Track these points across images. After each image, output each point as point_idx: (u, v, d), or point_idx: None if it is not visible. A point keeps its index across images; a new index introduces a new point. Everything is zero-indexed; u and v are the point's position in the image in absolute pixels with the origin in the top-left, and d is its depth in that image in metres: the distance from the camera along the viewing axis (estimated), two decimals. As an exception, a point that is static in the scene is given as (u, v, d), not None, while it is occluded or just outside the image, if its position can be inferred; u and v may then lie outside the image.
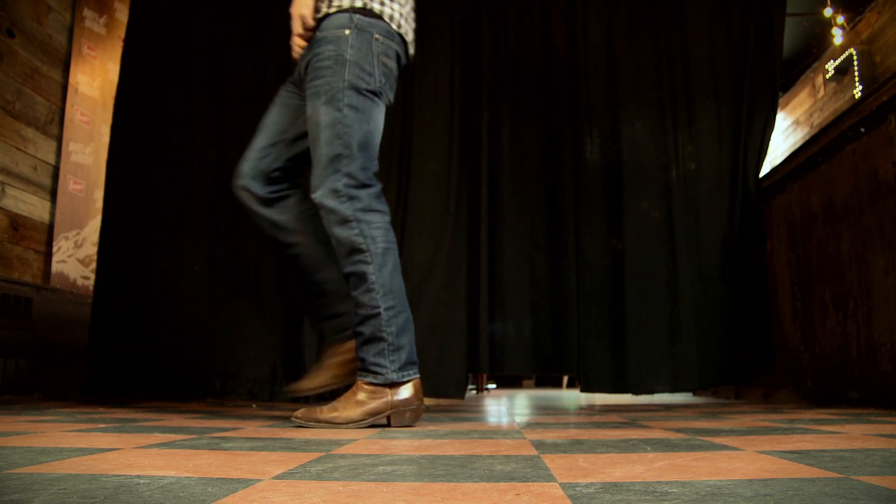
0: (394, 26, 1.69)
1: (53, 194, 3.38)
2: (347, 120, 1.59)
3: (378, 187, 1.65)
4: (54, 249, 3.36)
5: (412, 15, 1.79)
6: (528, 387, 8.49)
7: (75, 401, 2.62)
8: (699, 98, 3.03)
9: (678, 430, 1.41)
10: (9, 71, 3.08)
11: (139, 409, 2.18)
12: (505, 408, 2.74)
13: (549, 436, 1.34)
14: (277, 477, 0.80)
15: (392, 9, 1.69)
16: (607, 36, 3.08)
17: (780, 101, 4.19)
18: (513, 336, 2.88)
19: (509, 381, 8.69)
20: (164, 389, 2.89)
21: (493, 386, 7.05)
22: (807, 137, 3.71)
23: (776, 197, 2.92)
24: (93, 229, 3.56)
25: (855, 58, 4.50)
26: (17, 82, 3.14)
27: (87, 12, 3.65)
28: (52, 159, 3.38)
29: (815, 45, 5.35)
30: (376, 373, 1.57)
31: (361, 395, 1.57)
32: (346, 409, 1.56)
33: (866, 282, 2.20)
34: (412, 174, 2.99)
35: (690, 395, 3.72)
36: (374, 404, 1.56)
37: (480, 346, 2.82)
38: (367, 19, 1.64)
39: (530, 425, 1.67)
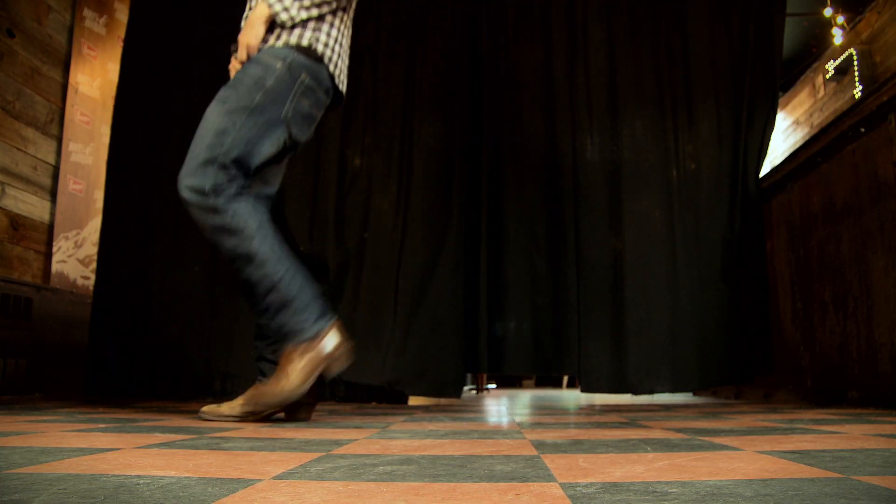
0: (330, 67, 1.79)
1: (53, 194, 3.38)
2: (237, 137, 1.66)
3: (249, 190, 1.70)
4: (54, 249, 3.36)
5: (347, 53, 1.91)
6: (527, 387, 8.50)
7: (75, 401, 2.62)
8: (699, 98, 3.02)
9: (678, 430, 1.41)
10: (9, 71, 3.08)
11: (139, 409, 2.18)
12: (505, 408, 2.74)
13: (549, 436, 1.34)
14: (277, 477, 0.80)
15: (333, 51, 1.80)
16: (607, 36, 3.08)
17: (780, 101, 4.19)
18: (513, 336, 2.88)
19: (509, 381, 8.69)
20: (164, 389, 2.89)
21: (493, 386, 7.05)
22: (807, 137, 3.71)
23: (776, 197, 2.92)
24: (93, 229, 3.56)
25: (855, 58, 4.50)
26: (17, 82, 3.14)
27: (87, 12, 3.65)
28: (52, 159, 3.38)
29: (815, 45, 5.35)
30: (300, 330, 1.60)
31: (295, 362, 1.60)
32: (279, 384, 1.59)
33: (866, 282, 2.20)
34: (412, 174, 2.99)
35: (690, 395, 3.72)
36: (308, 364, 1.59)
37: (480, 345, 2.82)
38: (303, 59, 1.73)
39: (530, 425, 1.67)
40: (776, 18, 3.00)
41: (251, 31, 1.79)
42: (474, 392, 5.15)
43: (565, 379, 7.37)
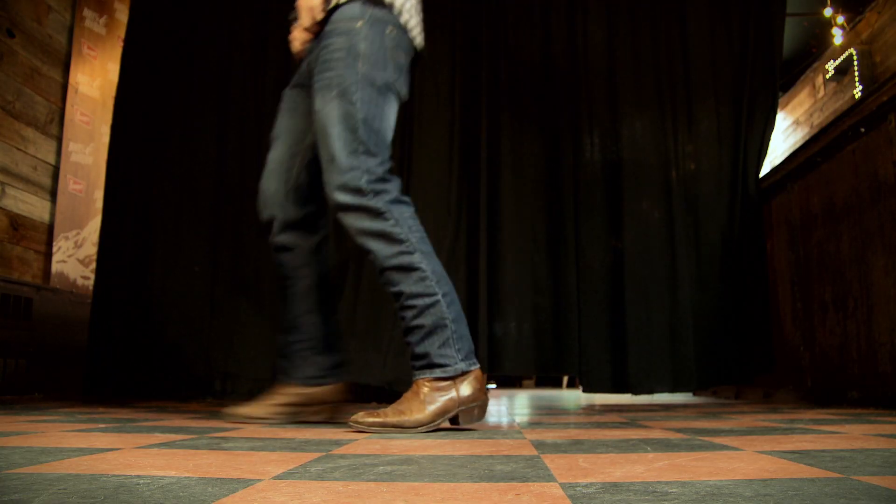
0: (404, 18, 1.62)
1: (53, 194, 3.38)
2: (361, 114, 1.51)
3: (398, 181, 1.57)
4: (54, 249, 3.36)
5: (419, 6, 1.71)
6: (527, 387, 8.49)
7: (75, 401, 2.62)
8: (699, 98, 3.02)
9: (678, 430, 1.41)
10: (9, 71, 3.08)
11: (139, 409, 2.18)
12: (505, 408, 2.74)
13: (549, 436, 1.34)
14: (277, 477, 0.80)
15: (402, 1, 1.62)
16: (607, 35, 3.08)
17: (780, 101, 4.19)
18: (513, 336, 2.88)
19: (509, 381, 8.69)
20: (164, 389, 2.89)
21: (493, 386, 7.05)
22: (807, 137, 3.71)
23: (776, 197, 2.92)
24: (93, 229, 3.56)
25: (855, 58, 4.50)
26: (17, 82, 3.14)
27: (87, 12, 3.65)
28: (52, 159, 3.38)
29: (815, 45, 5.35)
30: (444, 365, 1.45)
31: (426, 395, 1.45)
32: (412, 410, 1.43)
33: (866, 282, 2.20)
34: (412, 174, 2.99)
35: (690, 395, 3.72)
36: (440, 404, 1.44)
37: (480, 346, 2.81)
38: (380, 11, 1.57)
39: (530, 425, 1.67)
40: (776, 18, 3.00)
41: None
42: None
43: (565, 379, 7.37)
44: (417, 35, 1.69)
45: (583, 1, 3.10)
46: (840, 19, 4.86)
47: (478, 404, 1.49)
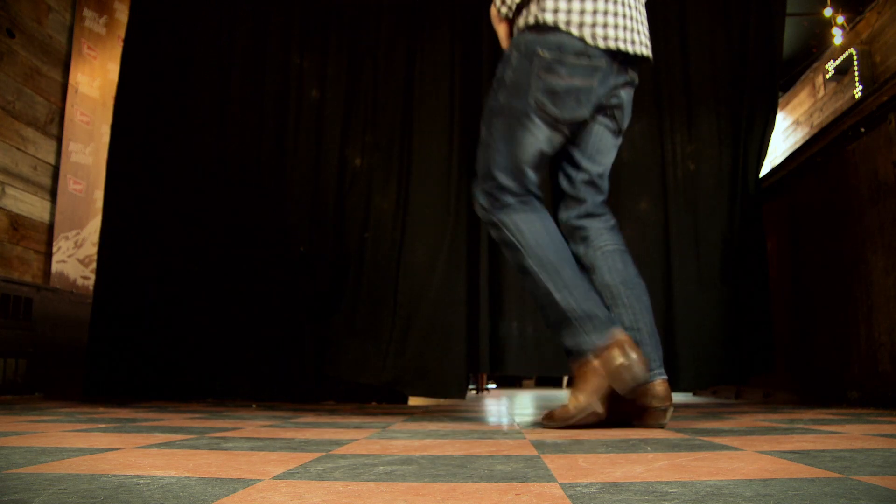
0: (573, 31, 1.59)
1: (53, 194, 3.38)
2: (490, 139, 1.67)
3: (526, 197, 1.67)
4: (54, 249, 3.36)
5: (609, 6, 1.65)
6: (528, 387, 8.49)
7: (75, 401, 2.62)
8: (699, 98, 3.02)
9: (678, 430, 1.41)
10: (9, 71, 3.08)
11: (139, 409, 2.18)
12: (505, 408, 2.74)
13: (549, 436, 1.34)
14: (277, 477, 0.80)
15: (571, 12, 1.60)
16: (607, 36, 3.08)
17: (780, 101, 4.19)
18: (514, 336, 2.87)
19: (509, 381, 8.69)
20: (164, 389, 2.89)
21: (493, 386, 7.05)
22: (807, 137, 3.71)
23: (776, 197, 2.92)
24: (93, 229, 3.56)
25: (855, 58, 4.50)
26: (17, 82, 3.14)
27: (87, 12, 3.65)
28: (52, 159, 3.38)
29: (815, 45, 5.35)
30: (580, 351, 1.53)
31: (581, 380, 1.53)
32: (575, 401, 1.52)
33: (866, 282, 2.20)
34: (412, 174, 2.99)
35: (690, 395, 3.72)
36: (593, 382, 1.51)
37: (481, 346, 2.81)
38: (532, 36, 1.63)
39: (530, 425, 1.67)
40: (776, 18, 3.00)
41: (498, 37, 1.83)
42: (474, 392, 5.15)
43: (565, 379, 7.37)
44: (604, 42, 1.63)
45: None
46: (840, 19, 4.86)
47: (626, 368, 1.50)
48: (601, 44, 1.62)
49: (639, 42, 1.73)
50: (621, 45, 1.66)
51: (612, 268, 1.71)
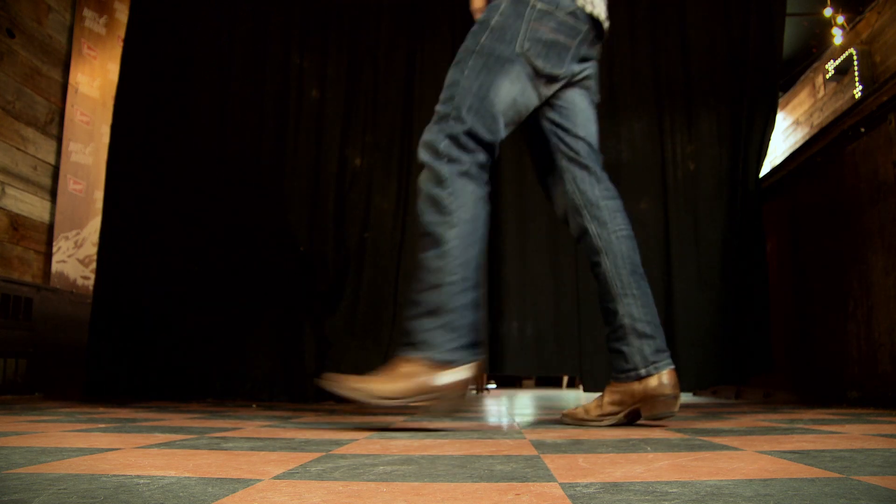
0: None
1: (53, 194, 3.38)
2: (463, 79, 1.54)
3: (482, 156, 1.56)
4: (54, 249, 3.36)
5: None
6: (528, 387, 8.49)
7: (75, 401, 2.62)
8: (699, 98, 3.02)
9: (678, 430, 1.41)
10: (9, 71, 3.08)
11: (139, 409, 2.18)
12: (505, 408, 2.74)
13: (549, 436, 1.34)
14: (277, 477, 0.80)
15: None
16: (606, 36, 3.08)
17: (780, 101, 4.19)
18: (514, 336, 2.88)
19: (509, 381, 8.69)
20: (164, 389, 2.89)
21: (493, 386, 7.05)
22: (807, 137, 3.71)
23: (776, 197, 2.92)
24: (93, 229, 3.56)
25: (855, 58, 4.50)
26: (17, 82, 3.14)
27: (87, 12, 3.65)
28: (52, 159, 3.38)
29: (815, 45, 5.35)
30: (433, 345, 1.40)
31: (401, 371, 1.40)
32: (379, 381, 1.40)
33: (866, 282, 2.20)
34: (412, 174, 2.99)
35: (690, 395, 3.72)
36: (412, 384, 1.38)
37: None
38: None
39: (530, 425, 1.67)
40: (776, 18, 3.00)
41: None
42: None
43: (565, 379, 7.37)
44: (590, 6, 1.64)
45: (583, 1, 3.10)
46: (840, 19, 4.86)
47: (451, 396, 1.41)
48: (588, 8, 1.63)
49: (607, 20, 1.72)
50: (602, 16, 1.68)
51: (626, 255, 1.65)
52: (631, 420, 1.59)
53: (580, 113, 1.74)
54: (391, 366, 1.44)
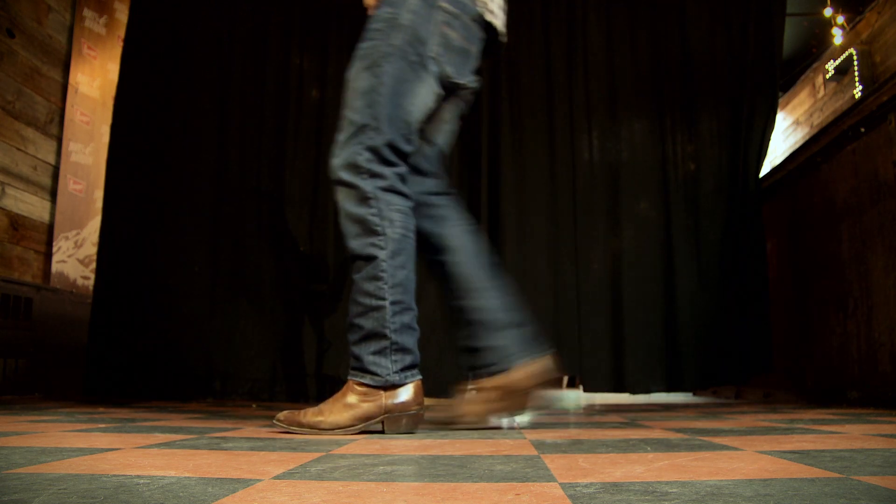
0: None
1: (53, 194, 3.38)
2: (383, 89, 1.43)
3: (404, 168, 1.48)
4: (54, 249, 3.36)
5: None
6: (528, 387, 8.47)
7: (75, 401, 2.62)
8: (699, 98, 3.02)
9: (678, 430, 1.41)
10: (9, 71, 3.08)
11: (139, 409, 2.18)
12: (505, 408, 2.73)
13: (549, 436, 1.34)
14: (277, 477, 0.80)
15: None
16: (606, 35, 3.08)
17: (780, 101, 4.18)
18: (513, 336, 2.87)
19: (509, 381, 8.67)
20: (165, 389, 2.89)
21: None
22: (807, 137, 3.71)
23: (776, 197, 2.92)
24: (93, 229, 3.56)
25: (855, 58, 4.49)
26: (17, 82, 3.14)
27: (87, 12, 3.65)
28: (52, 159, 3.38)
29: (815, 45, 5.35)
30: (374, 373, 1.39)
31: (352, 398, 1.39)
32: (332, 412, 1.39)
33: (866, 282, 2.20)
34: (412, 174, 2.99)
35: (690, 395, 3.72)
36: (365, 407, 1.38)
37: (480, 346, 2.81)
38: None
39: (530, 425, 1.67)
40: (776, 18, 3.00)
41: None
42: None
43: (565, 379, 7.37)
44: (490, 16, 1.59)
45: (583, 1, 3.10)
46: (840, 19, 4.86)
47: (407, 414, 1.40)
48: (488, 17, 1.58)
49: (505, 35, 1.66)
50: (500, 27, 1.63)
51: (476, 251, 1.62)
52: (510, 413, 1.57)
53: (446, 121, 1.68)
54: (341, 393, 1.42)
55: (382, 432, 1.42)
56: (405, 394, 1.41)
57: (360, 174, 1.41)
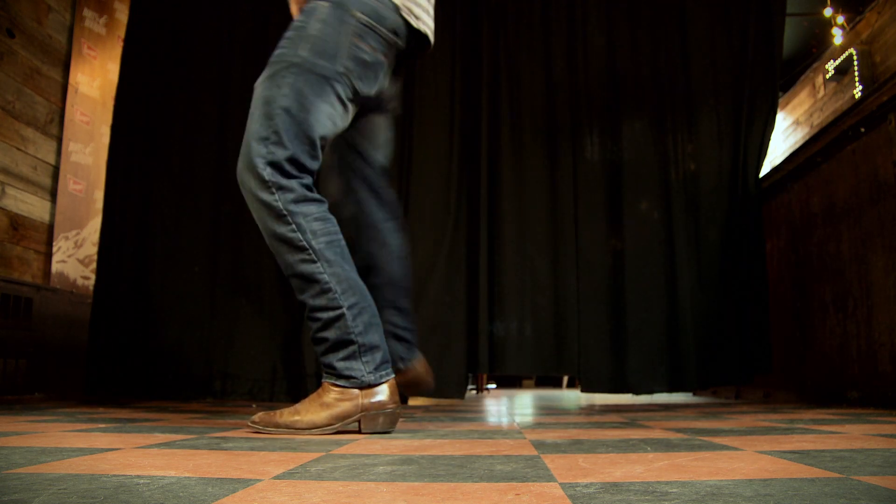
0: (391, 4, 1.49)
1: (53, 194, 3.38)
2: (284, 102, 1.41)
3: (309, 179, 1.45)
4: (54, 249, 3.36)
5: None
6: (528, 387, 8.49)
7: (75, 401, 2.62)
8: (699, 98, 3.02)
9: (678, 430, 1.41)
10: (9, 71, 3.08)
11: (139, 409, 2.18)
12: (505, 408, 2.74)
13: (549, 436, 1.34)
14: (277, 477, 0.80)
15: None
16: (607, 35, 3.08)
17: (780, 101, 4.19)
18: (513, 336, 2.88)
19: (509, 381, 8.69)
20: (165, 389, 2.89)
21: (493, 386, 7.05)
22: (807, 137, 3.71)
23: (776, 197, 2.92)
24: (93, 229, 3.56)
25: (855, 58, 4.50)
26: (17, 82, 3.14)
27: (87, 12, 3.65)
28: (52, 159, 3.38)
29: (815, 45, 5.35)
30: (348, 377, 1.39)
31: (328, 397, 1.39)
32: (308, 411, 1.39)
33: (866, 282, 2.20)
34: (412, 175, 2.99)
35: (690, 395, 3.72)
36: (342, 407, 1.38)
37: (480, 346, 2.81)
38: None
39: (530, 425, 1.67)
40: (776, 18, 3.00)
41: None
42: (474, 392, 5.15)
43: (565, 379, 7.37)
44: (416, 22, 1.56)
45: (582, 1, 3.10)
46: (840, 19, 4.86)
47: (384, 412, 1.41)
48: (413, 23, 1.54)
49: (432, 33, 1.63)
50: (427, 30, 1.60)
51: (403, 275, 1.71)
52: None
53: (381, 134, 1.69)
54: (317, 393, 1.42)
55: (359, 431, 1.42)
56: (382, 393, 1.42)
57: (266, 188, 1.40)
